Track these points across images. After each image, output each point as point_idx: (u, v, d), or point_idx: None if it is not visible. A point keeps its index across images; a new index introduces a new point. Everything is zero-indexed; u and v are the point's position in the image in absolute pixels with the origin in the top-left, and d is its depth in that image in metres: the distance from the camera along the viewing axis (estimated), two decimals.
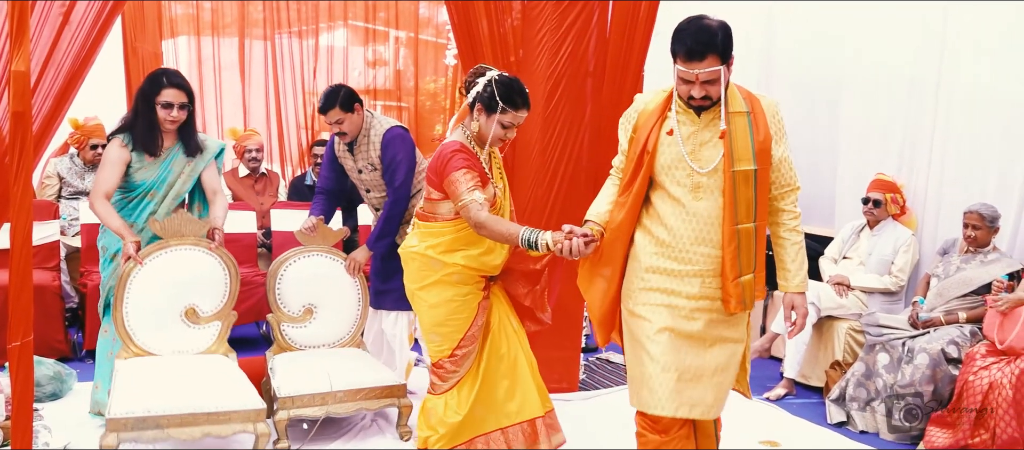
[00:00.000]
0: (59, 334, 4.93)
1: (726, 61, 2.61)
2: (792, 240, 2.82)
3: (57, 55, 3.88)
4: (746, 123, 2.68)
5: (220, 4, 7.29)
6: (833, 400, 4.49)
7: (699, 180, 2.71)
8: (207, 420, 3.18)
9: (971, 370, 3.92)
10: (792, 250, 2.82)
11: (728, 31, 2.62)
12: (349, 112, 4.01)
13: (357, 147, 4.11)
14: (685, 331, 2.75)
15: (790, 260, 2.82)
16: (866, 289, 4.95)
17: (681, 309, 2.76)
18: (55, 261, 5.24)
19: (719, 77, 2.59)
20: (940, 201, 5.06)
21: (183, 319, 3.65)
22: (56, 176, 5.78)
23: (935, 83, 5.06)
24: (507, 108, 3.15)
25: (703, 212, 2.72)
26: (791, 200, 2.81)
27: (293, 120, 7.48)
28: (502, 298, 3.40)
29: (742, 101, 2.70)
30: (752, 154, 2.66)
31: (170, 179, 3.75)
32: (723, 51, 2.58)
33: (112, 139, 3.71)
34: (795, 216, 2.82)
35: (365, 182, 4.18)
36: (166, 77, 3.69)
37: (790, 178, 2.79)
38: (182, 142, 3.76)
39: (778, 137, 2.75)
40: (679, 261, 2.75)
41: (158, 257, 3.62)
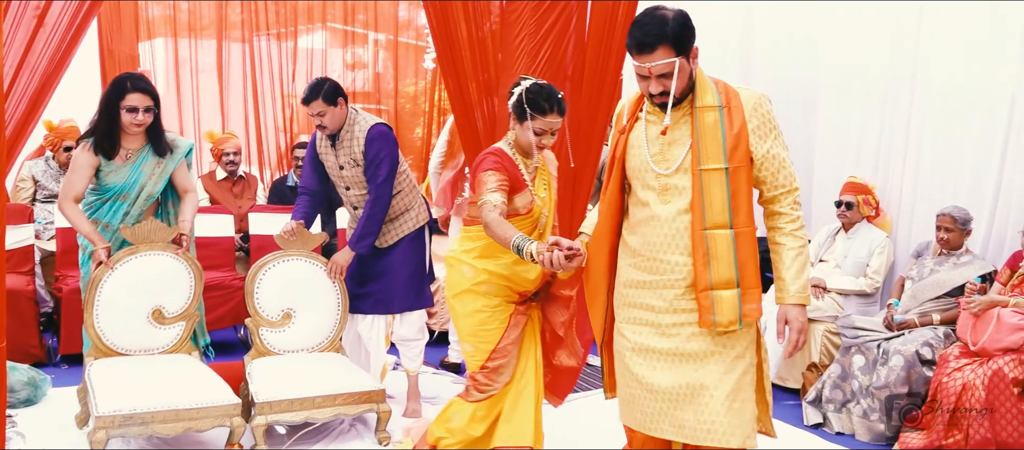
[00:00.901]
0: (34, 339, 4.88)
1: (683, 52, 2.43)
2: (788, 245, 2.54)
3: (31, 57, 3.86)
4: (717, 118, 2.48)
5: (198, 5, 7.24)
6: (810, 402, 4.53)
7: (666, 182, 2.54)
8: (187, 416, 3.31)
9: (945, 371, 3.97)
10: (788, 256, 2.54)
11: (683, 21, 2.44)
12: (331, 105, 3.99)
13: (339, 142, 4.10)
14: (663, 349, 2.58)
15: (785, 267, 2.55)
16: (842, 291, 4.99)
17: (657, 325, 2.59)
18: (30, 265, 5.19)
19: (673, 69, 2.43)
20: (914, 203, 5.11)
21: (150, 320, 3.68)
22: (31, 179, 5.72)
23: (909, 85, 5.10)
24: (535, 114, 3.13)
25: (672, 217, 2.53)
26: (788, 202, 2.55)
27: (271, 123, 7.44)
28: (536, 326, 3.38)
29: (715, 95, 2.51)
30: (723, 151, 2.47)
31: (141, 181, 3.79)
32: (677, 41, 2.41)
33: (80, 143, 3.71)
34: (793, 219, 2.55)
35: (346, 179, 4.15)
36: (130, 81, 3.70)
37: (784, 178, 2.54)
38: (151, 143, 3.80)
39: (762, 132, 2.51)
40: (651, 272, 2.58)
41: (128, 261, 3.66)
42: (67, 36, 3.88)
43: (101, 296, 3.59)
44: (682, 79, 2.46)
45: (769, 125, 2.53)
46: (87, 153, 3.68)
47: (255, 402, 3.55)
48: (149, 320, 3.68)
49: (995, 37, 4.69)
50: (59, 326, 5.00)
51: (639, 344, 2.60)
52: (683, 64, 2.44)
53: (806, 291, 2.55)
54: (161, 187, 3.85)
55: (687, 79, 2.49)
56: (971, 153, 4.80)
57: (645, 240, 2.59)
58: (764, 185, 2.56)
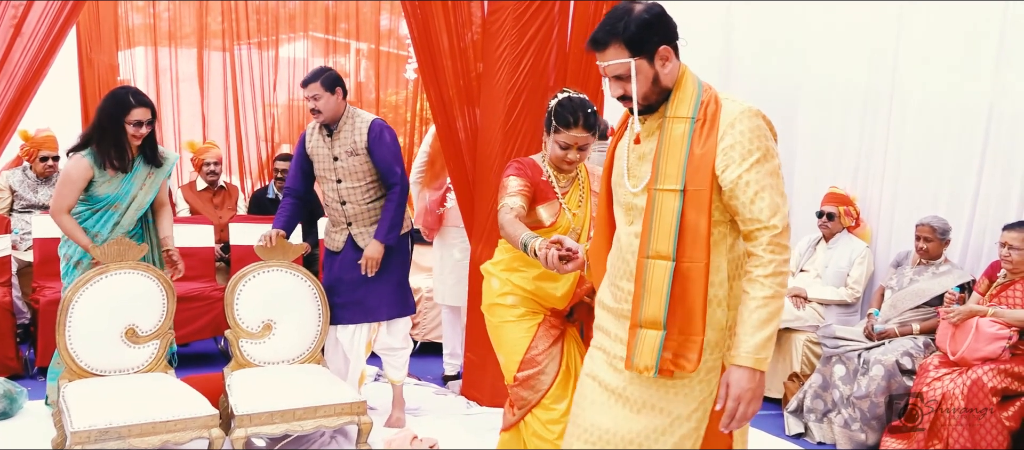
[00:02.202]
0: (10, 351, 4.83)
1: (640, 52, 2.15)
2: (750, 294, 2.09)
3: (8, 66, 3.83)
4: (686, 131, 2.15)
5: (178, 14, 7.20)
6: (791, 412, 4.54)
7: (632, 200, 2.26)
8: (165, 428, 3.27)
9: (925, 381, 3.99)
10: (747, 306, 2.09)
11: (646, 18, 2.14)
12: (328, 91, 4.02)
13: (337, 132, 4.10)
14: (607, 383, 2.28)
15: (741, 320, 2.11)
16: (823, 301, 5.01)
17: (609, 355, 2.31)
18: (6, 276, 5.13)
19: (628, 71, 2.16)
20: (893, 213, 5.14)
21: (123, 339, 3.64)
22: (8, 189, 5.66)
23: (888, 96, 5.14)
24: (560, 127, 3.03)
25: (629, 239, 2.25)
26: (763, 241, 2.09)
27: (253, 132, 7.40)
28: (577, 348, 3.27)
29: (694, 105, 2.17)
30: (682, 170, 2.12)
31: (133, 191, 3.83)
32: (632, 40, 2.13)
33: (72, 155, 3.69)
34: (764, 263, 2.09)
35: (338, 171, 4.12)
36: (133, 96, 3.76)
37: (760, 210, 2.09)
38: (143, 155, 3.85)
39: (737, 154, 2.10)
40: (613, 297, 2.33)
41: (99, 281, 3.61)
42: (45, 45, 3.85)
43: (73, 317, 3.55)
44: (645, 83, 2.17)
45: (748, 146, 2.11)
46: (82, 165, 3.69)
47: (235, 414, 3.52)
48: (123, 339, 3.64)
49: (972, 48, 4.73)
50: (36, 338, 4.94)
51: (591, 371, 2.35)
52: (642, 66, 2.15)
53: (763, 353, 2.07)
54: (151, 198, 3.90)
55: (651, 83, 2.18)
56: (949, 163, 4.84)
57: (611, 261, 2.36)
58: (737, 217, 2.14)
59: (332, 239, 4.22)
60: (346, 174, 4.11)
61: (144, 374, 3.67)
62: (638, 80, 2.17)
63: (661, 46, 2.15)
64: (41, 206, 5.66)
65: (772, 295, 2.08)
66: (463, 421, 4.45)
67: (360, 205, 4.12)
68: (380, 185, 4.15)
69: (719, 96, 2.19)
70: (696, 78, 2.23)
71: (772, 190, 2.10)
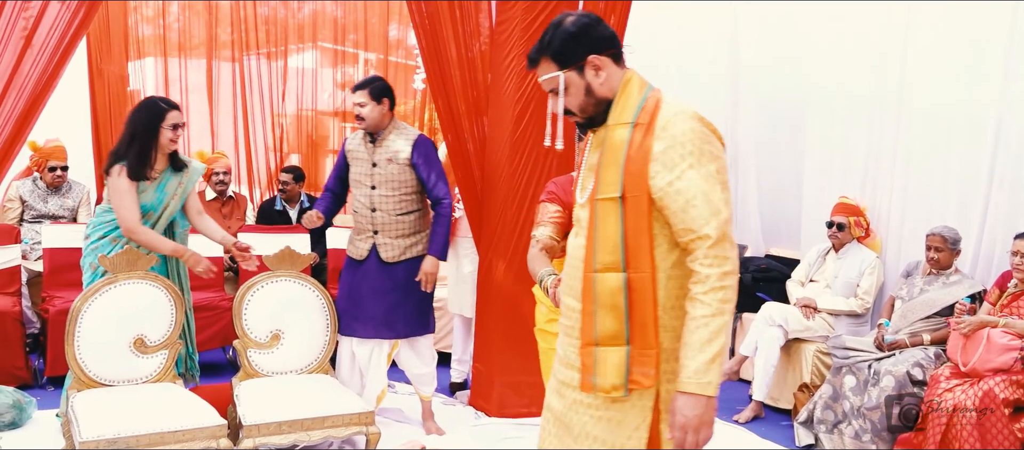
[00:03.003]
0: (19, 361, 4.83)
1: (567, 65, 2.08)
2: (692, 313, 1.95)
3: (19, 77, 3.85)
4: (625, 137, 2.04)
5: (188, 25, 7.24)
6: (801, 423, 4.52)
7: (579, 213, 2.16)
8: (173, 439, 3.26)
9: (936, 392, 3.96)
10: (689, 326, 1.95)
11: (572, 29, 2.08)
12: (375, 101, 4.08)
13: (381, 139, 4.14)
14: (553, 407, 2.18)
15: (684, 343, 1.96)
16: (833, 311, 4.99)
17: (557, 379, 2.21)
18: (16, 286, 5.14)
19: (567, 85, 2.10)
20: (903, 223, 5.12)
21: (132, 349, 3.64)
22: (18, 199, 5.69)
23: (895, 106, 5.13)
24: (582, 136, 2.89)
25: (574, 253, 2.15)
26: (700, 253, 1.95)
27: (261, 142, 7.43)
28: None
29: (635, 110, 2.06)
30: (620, 177, 2.02)
31: (165, 200, 3.87)
32: (558, 54, 2.08)
33: (112, 169, 3.74)
34: (701, 279, 1.94)
35: (374, 178, 4.14)
36: (164, 102, 3.81)
37: (694, 219, 1.95)
38: (171, 163, 3.89)
39: (669, 158, 1.97)
40: (563, 315, 2.21)
41: (107, 291, 3.61)
42: (55, 56, 3.87)
43: (82, 327, 3.54)
44: (578, 95, 2.10)
45: (682, 150, 1.97)
46: (128, 179, 3.72)
47: (243, 424, 3.52)
48: (131, 349, 3.63)
49: (979, 58, 4.73)
50: (46, 348, 4.95)
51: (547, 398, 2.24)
52: (572, 78, 2.08)
53: (709, 376, 1.91)
54: (180, 205, 3.93)
55: (584, 95, 2.10)
56: (958, 173, 4.82)
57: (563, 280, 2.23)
58: (673, 227, 1.99)
59: (356, 247, 4.22)
60: (382, 182, 4.13)
61: (153, 384, 3.67)
62: (570, 92, 2.10)
63: (590, 56, 2.07)
64: (51, 216, 5.68)
65: (713, 313, 1.93)
66: (471, 431, 4.44)
67: (390, 215, 4.13)
68: (412, 199, 4.17)
69: (662, 99, 2.07)
70: (644, 84, 2.12)
71: (706, 197, 1.95)
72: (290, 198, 6.35)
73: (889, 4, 5.12)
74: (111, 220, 3.84)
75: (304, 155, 7.73)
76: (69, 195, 5.80)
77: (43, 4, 3.79)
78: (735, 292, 1.98)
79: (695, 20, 6.48)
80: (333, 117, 8.05)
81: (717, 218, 1.94)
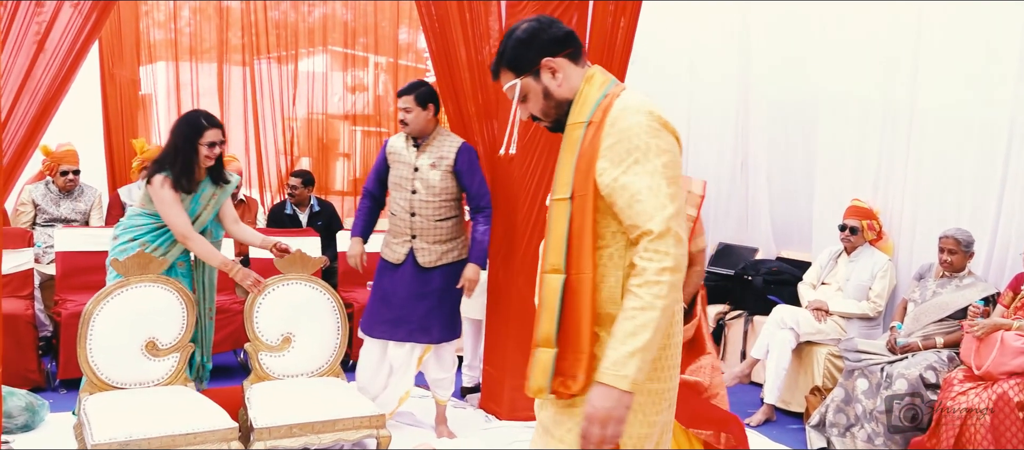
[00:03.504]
0: (32, 364, 4.85)
1: (522, 72, 2.07)
2: (623, 305, 1.90)
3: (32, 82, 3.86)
4: (579, 137, 2.02)
5: (199, 29, 7.27)
6: (813, 426, 4.49)
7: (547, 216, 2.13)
8: (185, 442, 3.27)
9: (949, 395, 3.94)
10: (619, 317, 1.90)
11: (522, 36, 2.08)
12: (420, 106, 4.12)
13: (426, 143, 4.18)
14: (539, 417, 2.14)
15: (612, 331, 1.91)
16: (845, 314, 4.97)
17: None
18: (29, 289, 5.17)
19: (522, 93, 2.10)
20: (915, 226, 5.09)
21: (143, 352, 3.65)
22: (31, 203, 5.71)
23: (908, 109, 5.11)
24: None
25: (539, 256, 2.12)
26: (639, 249, 1.90)
27: (272, 146, 7.45)
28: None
29: (590, 110, 2.03)
30: (570, 177, 2.01)
31: (198, 210, 3.90)
32: (511, 62, 2.09)
33: (155, 179, 3.77)
34: (637, 272, 1.89)
35: (416, 182, 4.17)
36: (205, 119, 3.84)
37: (638, 214, 1.90)
38: (210, 175, 3.92)
39: (616, 154, 1.94)
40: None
41: (120, 294, 3.63)
42: (67, 61, 3.88)
43: (94, 330, 3.56)
44: (537, 100, 2.10)
45: (629, 146, 1.93)
46: (172, 189, 3.75)
47: (254, 428, 3.52)
48: (143, 352, 3.65)
49: (992, 60, 4.70)
50: (58, 350, 4.98)
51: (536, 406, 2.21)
52: (530, 84, 2.08)
53: (626, 369, 1.84)
54: (213, 215, 3.96)
55: (543, 99, 2.09)
56: (971, 175, 4.79)
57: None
58: (622, 223, 1.96)
59: (392, 251, 4.24)
60: (423, 186, 4.16)
61: (164, 387, 3.68)
62: (530, 99, 2.10)
63: (543, 60, 2.06)
64: (63, 220, 5.71)
65: (642, 306, 1.86)
66: (482, 435, 4.44)
67: (429, 220, 4.15)
68: (451, 205, 4.21)
69: (620, 95, 2.02)
70: (606, 81, 2.09)
71: (652, 191, 1.90)
72: (299, 202, 6.37)
73: (900, 5, 5.10)
74: (142, 224, 3.86)
75: (314, 159, 7.75)
76: (81, 199, 5.82)
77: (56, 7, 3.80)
78: (676, 290, 1.90)
79: (705, 22, 6.47)
80: (343, 121, 8.06)
81: (661, 213, 1.89)
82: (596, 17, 4.47)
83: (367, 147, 7.99)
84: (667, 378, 2.05)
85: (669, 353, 2.05)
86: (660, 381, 2.03)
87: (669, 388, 2.07)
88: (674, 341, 2.06)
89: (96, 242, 5.21)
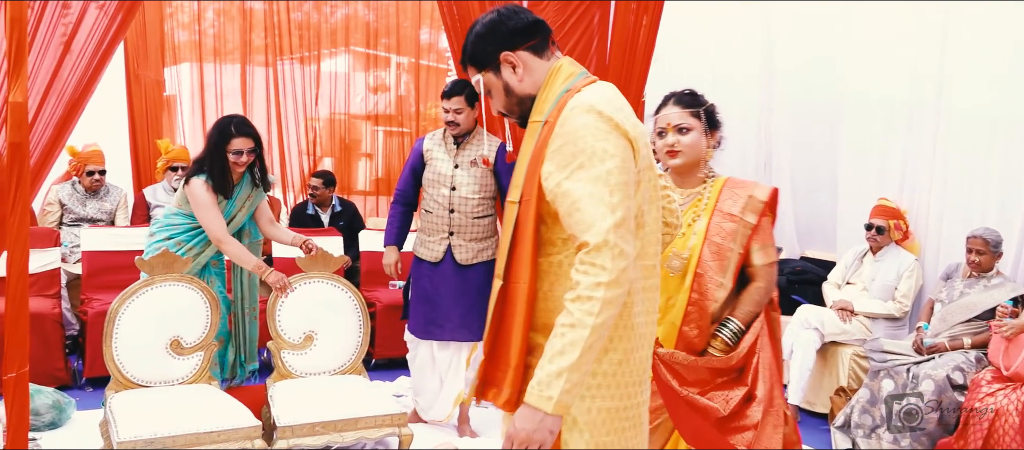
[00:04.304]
0: (59, 362, 4.90)
1: (484, 66, 1.99)
2: (557, 321, 1.77)
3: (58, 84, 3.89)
4: (535, 136, 1.92)
5: (223, 31, 7.33)
6: (838, 427, 4.45)
7: None
8: (209, 439, 3.30)
9: (977, 397, 3.89)
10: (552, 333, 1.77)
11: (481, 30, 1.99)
12: (470, 107, 4.16)
13: (467, 142, 4.22)
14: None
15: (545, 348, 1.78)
16: (870, 315, 4.92)
17: None
18: (56, 288, 5.23)
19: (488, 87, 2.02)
20: (941, 225, 5.04)
21: (168, 351, 3.68)
22: (58, 203, 5.78)
23: (934, 106, 5.05)
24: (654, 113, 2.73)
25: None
26: (578, 259, 1.77)
27: (295, 146, 7.49)
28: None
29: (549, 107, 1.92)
30: (522, 179, 1.91)
31: (234, 211, 3.95)
32: (472, 58, 2.01)
33: (193, 180, 3.81)
34: (572, 285, 1.76)
35: (455, 179, 4.19)
36: (234, 126, 3.86)
37: (577, 223, 1.77)
38: (249, 178, 3.97)
39: (561, 157, 1.81)
40: None
41: (144, 293, 3.66)
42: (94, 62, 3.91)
43: (119, 328, 3.59)
44: (499, 96, 2.01)
45: (574, 148, 1.80)
46: (210, 192, 3.80)
47: (277, 426, 3.54)
48: (167, 351, 3.68)
49: (1019, 59, 4.64)
50: (84, 349, 5.03)
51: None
52: (491, 80, 2.00)
53: (550, 390, 1.73)
54: (247, 217, 4.01)
55: (504, 94, 2.00)
56: (998, 175, 4.73)
57: None
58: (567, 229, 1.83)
59: (429, 249, 4.25)
60: (462, 184, 4.18)
61: (188, 385, 3.70)
62: (494, 94, 2.02)
63: (502, 54, 1.96)
64: (89, 219, 5.77)
65: (572, 323, 1.73)
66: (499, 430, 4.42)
67: (467, 217, 4.17)
68: (489, 203, 4.22)
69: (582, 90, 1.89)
70: (570, 75, 1.96)
71: (594, 200, 1.76)
72: (321, 203, 6.40)
73: (926, 4, 5.04)
74: (178, 223, 3.91)
75: (337, 158, 7.79)
76: (107, 199, 5.88)
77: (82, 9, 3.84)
78: (611, 307, 1.74)
79: (729, 20, 6.43)
80: (365, 121, 8.09)
81: (600, 224, 1.74)
82: (618, 16, 4.45)
83: (389, 147, 8.01)
84: (628, 396, 1.89)
85: (630, 368, 1.89)
86: (616, 399, 1.87)
87: (630, 406, 1.90)
88: (637, 356, 1.90)
89: (122, 242, 5.27)
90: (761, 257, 2.65)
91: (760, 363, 2.61)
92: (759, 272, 2.65)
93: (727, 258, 2.62)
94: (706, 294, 2.60)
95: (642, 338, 1.93)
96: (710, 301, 2.60)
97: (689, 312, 2.62)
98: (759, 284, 2.65)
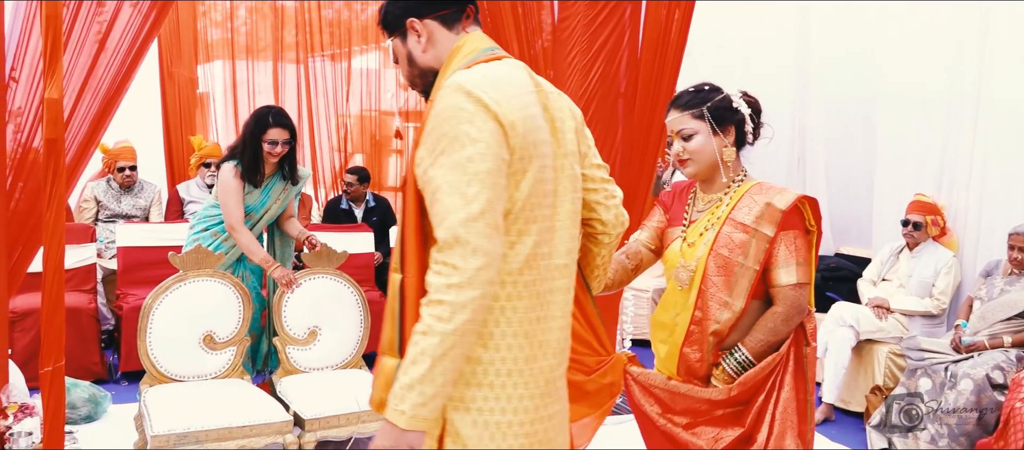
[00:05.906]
0: (95, 356, 4.97)
1: (393, 31, 1.85)
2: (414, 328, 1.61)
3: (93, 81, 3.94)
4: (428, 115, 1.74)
5: (255, 28, 7.38)
6: (874, 426, 4.38)
7: None
8: (241, 433, 3.34)
9: (1018, 396, 3.80)
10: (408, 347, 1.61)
11: None
12: None
13: None
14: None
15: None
16: (906, 312, 4.84)
17: None
18: (91, 284, 5.30)
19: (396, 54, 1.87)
20: (980, 221, 4.94)
21: (201, 345, 3.71)
22: (93, 199, 5.85)
23: (973, 100, 4.96)
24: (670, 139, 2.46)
25: None
26: (432, 258, 1.60)
27: (326, 143, 7.54)
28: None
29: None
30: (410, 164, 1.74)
31: (267, 203, 3.97)
32: (382, 19, 1.87)
33: (224, 165, 3.85)
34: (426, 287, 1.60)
35: None
36: (271, 116, 3.88)
37: (434, 215, 1.61)
38: (281, 171, 3.99)
39: (431, 142, 1.64)
40: None
41: (178, 288, 3.69)
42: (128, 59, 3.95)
43: (153, 323, 3.64)
44: (404, 65, 1.87)
45: (439, 132, 1.63)
46: (234, 174, 3.82)
47: (303, 419, 3.56)
48: (201, 346, 3.71)
49: None
50: (120, 343, 5.09)
51: None
52: (398, 46, 1.86)
53: (403, 403, 1.57)
54: (281, 210, 4.02)
55: (408, 64, 1.85)
56: None
57: None
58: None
59: None
60: None
61: (221, 380, 3.74)
62: (399, 62, 1.87)
63: (408, 20, 1.80)
64: (124, 216, 5.84)
65: (423, 330, 1.57)
66: None
67: None
68: None
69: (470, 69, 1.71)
70: (472, 51, 1.79)
71: (450, 190, 1.58)
72: (355, 198, 6.42)
73: None
74: (215, 214, 3.95)
75: (367, 155, 7.82)
76: (141, 195, 5.95)
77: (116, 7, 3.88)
78: (466, 311, 1.56)
79: (762, 14, 6.35)
80: (396, 117, 8.12)
81: (453, 216, 1.56)
82: (650, 11, 4.42)
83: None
84: (526, 410, 1.71)
85: (527, 380, 1.71)
86: (510, 413, 1.70)
87: (531, 420, 1.72)
88: (538, 366, 1.74)
89: (156, 237, 5.33)
90: (785, 276, 2.31)
91: (773, 404, 2.25)
92: (780, 294, 2.31)
93: (735, 274, 2.28)
94: (708, 313, 2.31)
95: (544, 346, 1.75)
96: (711, 321, 2.30)
97: (691, 332, 2.33)
98: (777, 309, 2.30)
